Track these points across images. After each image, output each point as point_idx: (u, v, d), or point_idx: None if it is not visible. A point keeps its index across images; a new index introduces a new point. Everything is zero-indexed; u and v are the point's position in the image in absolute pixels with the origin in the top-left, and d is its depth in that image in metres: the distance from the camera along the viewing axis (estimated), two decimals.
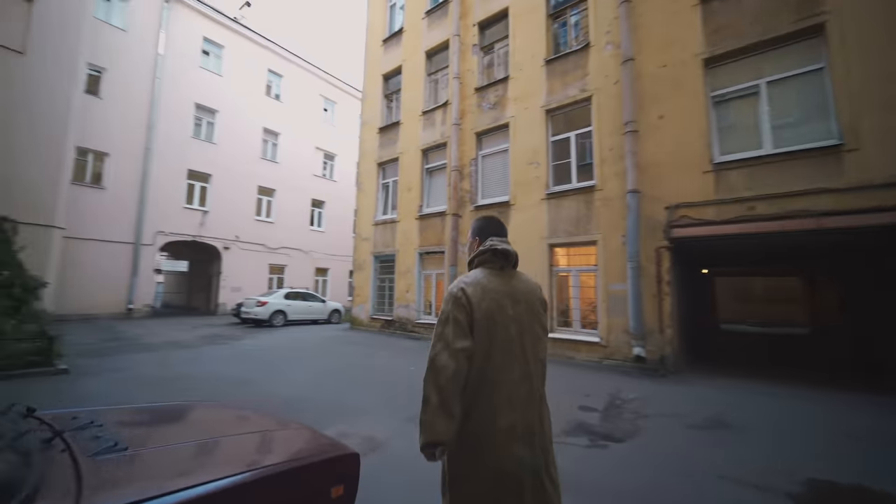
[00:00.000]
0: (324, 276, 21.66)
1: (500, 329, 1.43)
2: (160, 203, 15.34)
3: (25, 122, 10.64)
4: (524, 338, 1.47)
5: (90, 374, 5.70)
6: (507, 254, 1.55)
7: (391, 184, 12.24)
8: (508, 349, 1.43)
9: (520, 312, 1.49)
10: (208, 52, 17.42)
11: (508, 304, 1.47)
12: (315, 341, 9.70)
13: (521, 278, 1.59)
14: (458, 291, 1.46)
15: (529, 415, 1.41)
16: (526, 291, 1.54)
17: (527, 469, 1.34)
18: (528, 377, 1.44)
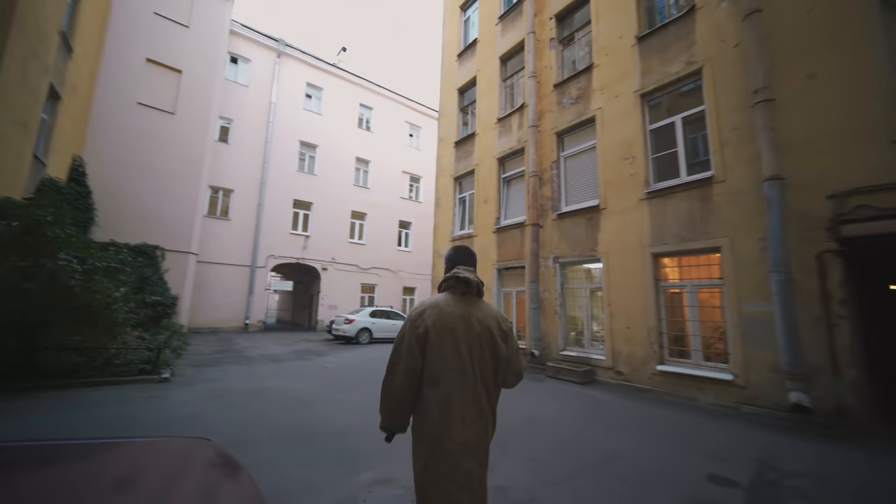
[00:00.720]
0: (411, 294, 22.06)
1: (452, 351, 1.53)
2: (271, 230, 17.41)
3: (173, 168, 13.03)
4: (475, 361, 1.55)
5: (184, 383, 6.16)
6: (468, 281, 1.66)
7: (468, 198, 11.77)
8: (460, 370, 1.52)
9: (472, 337, 1.56)
10: (310, 95, 19.67)
11: (462, 329, 1.56)
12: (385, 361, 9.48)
13: (481, 306, 1.67)
14: (416, 314, 1.61)
15: (478, 432, 1.53)
16: (482, 318, 1.62)
17: (474, 479, 1.49)
18: (477, 398, 1.54)
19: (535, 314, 8.66)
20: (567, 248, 8.44)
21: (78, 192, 10.61)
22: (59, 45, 8.86)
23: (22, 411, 4.25)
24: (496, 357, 1.61)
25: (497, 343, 1.61)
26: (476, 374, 1.55)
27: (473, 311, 1.62)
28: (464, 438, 1.48)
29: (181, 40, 13.64)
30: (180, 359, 8.84)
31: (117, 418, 4.27)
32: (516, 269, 9.68)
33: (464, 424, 1.49)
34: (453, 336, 1.54)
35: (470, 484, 1.48)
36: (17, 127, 7.61)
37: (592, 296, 8.18)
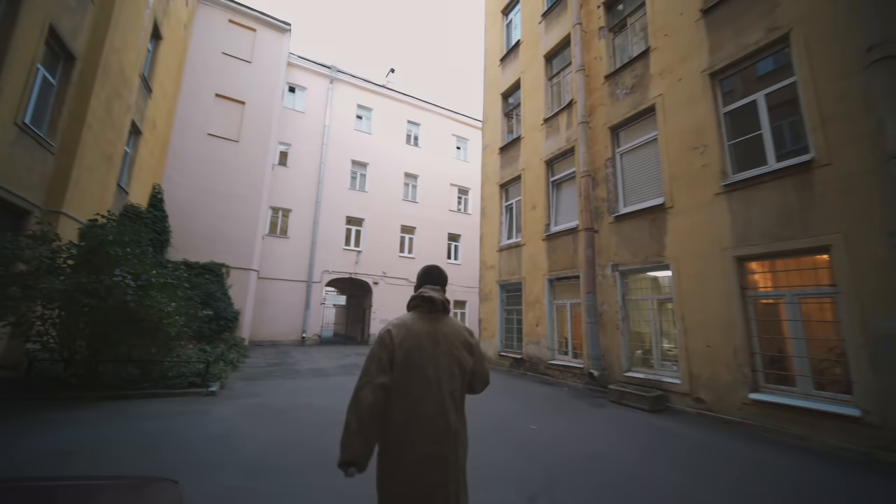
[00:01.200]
0: (462, 308, 21.58)
1: (418, 367, 1.59)
2: (325, 246, 18.08)
3: (237, 191, 14.06)
4: (441, 376, 1.60)
5: (230, 397, 6.23)
6: (433, 300, 1.72)
7: (514, 205, 11.14)
8: (426, 386, 1.57)
9: (438, 353, 1.62)
10: (361, 116, 20.46)
11: (428, 345, 1.63)
12: None
13: (447, 322, 1.72)
14: (384, 332, 1.66)
15: (445, 447, 1.53)
16: (448, 334, 1.67)
17: (438, 494, 1.48)
18: (443, 412, 1.56)
19: (592, 329, 7.72)
20: (628, 255, 7.46)
21: (156, 216, 11.76)
22: (139, 87, 9.97)
23: (71, 423, 4.43)
24: (463, 371, 1.65)
25: (464, 357, 1.66)
26: (443, 389, 1.59)
27: (440, 328, 1.68)
28: (428, 453, 1.50)
29: (244, 74, 14.88)
30: (236, 371, 9.18)
31: (156, 433, 4.27)
32: (570, 280, 8.81)
33: (427, 437, 1.52)
34: (420, 353, 1.60)
35: (437, 491, 1.49)
36: (103, 159, 8.55)
37: (661, 308, 7.08)
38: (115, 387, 5.70)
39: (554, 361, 8.85)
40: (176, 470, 3.30)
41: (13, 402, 4.93)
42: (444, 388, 1.58)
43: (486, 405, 6.43)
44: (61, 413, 4.69)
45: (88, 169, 7.93)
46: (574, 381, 8.21)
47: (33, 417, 4.45)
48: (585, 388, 7.83)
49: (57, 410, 4.77)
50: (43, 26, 6.44)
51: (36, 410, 4.70)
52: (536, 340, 9.36)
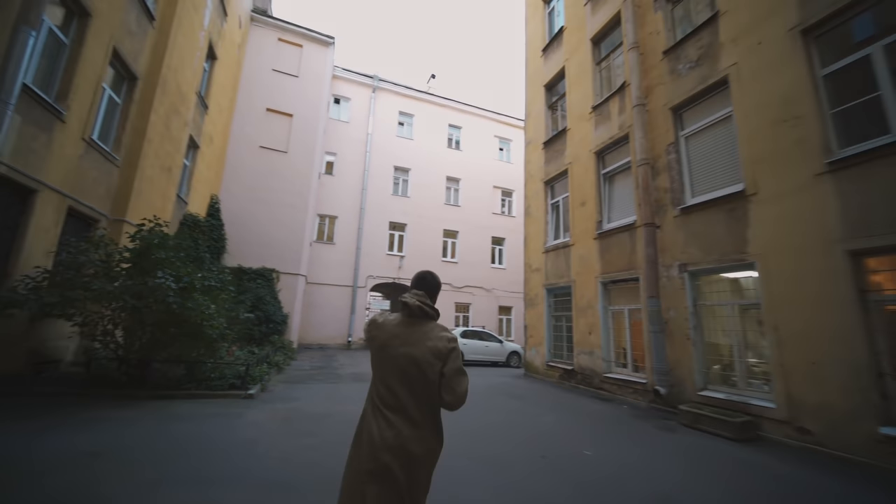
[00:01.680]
0: (507, 314, 20.73)
1: (386, 361, 1.71)
2: (370, 251, 18.25)
3: (286, 200, 14.56)
4: (403, 376, 1.66)
5: (267, 401, 6.13)
6: (407, 305, 1.77)
7: (561, 202, 10.29)
8: (389, 382, 1.67)
9: (404, 353, 1.67)
10: (402, 122, 20.59)
11: (398, 345, 1.69)
12: (477, 388, 8.40)
13: (422, 326, 1.74)
14: (370, 321, 1.86)
15: (403, 437, 1.58)
16: (419, 339, 1.69)
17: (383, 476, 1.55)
18: (402, 408, 1.62)
19: (656, 339, 6.71)
20: (698, 253, 6.40)
21: (213, 224, 12.44)
22: (196, 104, 10.62)
23: (108, 422, 4.46)
24: (426, 376, 1.64)
25: (427, 362, 1.65)
26: (401, 387, 1.64)
27: (412, 332, 1.71)
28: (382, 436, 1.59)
29: (292, 88, 15.50)
30: (281, 373, 9.26)
31: (184, 437, 4.16)
32: (628, 283, 7.83)
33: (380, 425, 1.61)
34: (389, 350, 1.70)
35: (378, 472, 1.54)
36: (163, 171, 9.10)
37: (744, 315, 5.94)
38: (163, 386, 5.81)
39: (610, 375, 7.87)
40: (188, 481, 3.07)
41: (67, 397, 5.13)
42: (405, 385, 1.63)
43: (532, 421, 5.73)
44: (105, 411, 4.78)
45: (149, 180, 8.45)
46: (635, 398, 7.20)
47: (77, 415, 4.54)
48: (650, 407, 6.81)
49: (102, 408, 4.87)
50: (107, 49, 6.92)
51: (83, 408, 4.83)
52: (589, 350, 8.43)
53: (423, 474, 1.61)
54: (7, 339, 5.32)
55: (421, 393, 1.62)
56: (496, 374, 11.26)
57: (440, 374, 1.63)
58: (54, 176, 5.98)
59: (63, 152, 6.15)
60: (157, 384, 5.80)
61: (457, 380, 1.64)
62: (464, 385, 1.65)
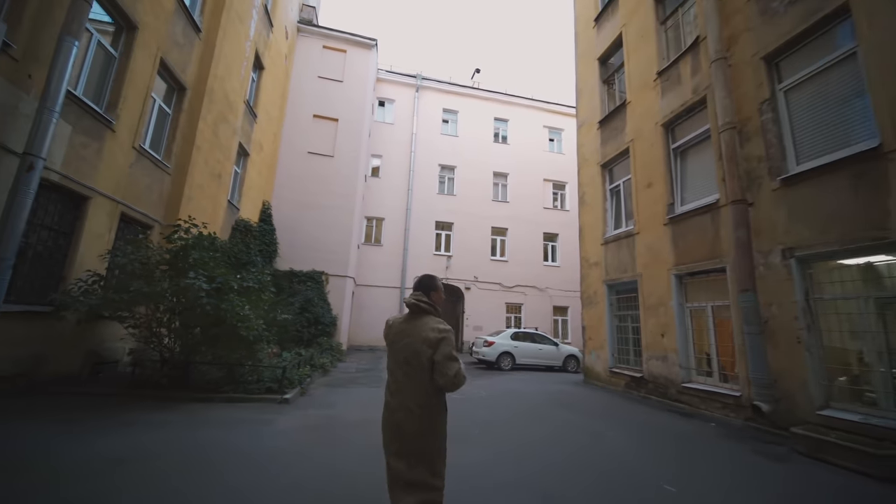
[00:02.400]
0: (563, 315, 19.29)
1: (394, 353, 2.04)
2: (416, 252, 17.97)
3: (333, 203, 14.72)
4: (401, 364, 1.98)
5: (302, 406, 5.82)
6: (408, 304, 2.08)
7: (622, 186, 9.02)
8: (397, 366, 2.02)
9: (405, 344, 1.99)
10: (447, 120, 20.13)
11: (402, 338, 2.01)
12: (530, 398, 7.49)
13: (420, 320, 2.02)
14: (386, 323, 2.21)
15: (396, 416, 1.94)
16: (416, 331, 1.98)
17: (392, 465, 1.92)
18: (399, 391, 1.97)
19: (754, 342, 5.36)
20: (811, 232, 4.99)
21: (265, 229, 12.83)
22: (244, 112, 10.97)
23: (142, 425, 4.33)
24: (421, 362, 1.91)
25: (421, 350, 1.92)
26: (401, 373, 1.98)
27: (411, 326, 2.01)
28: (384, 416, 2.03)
29: (337, 93, 15.71)
30: (326, 375, 9.10)
31: (209, 445, 3.88)
32: (710, 274, 6.48)
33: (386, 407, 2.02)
34: (393, 345, 2.06)
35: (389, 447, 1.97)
36: (213, 178, 9.42)
37: (885, 312, 4.47)
38: (202, 388, 5.74)
39: (690, 384, 6.56)
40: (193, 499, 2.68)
41: (111, 398, 5.19)
42: (403, 370, 1.96)
43: (596, 441, 4.76)
44: (141, 413, 4.71)
45: (199, 186, 8.75)
46: (725, 414, 5.86)
47: (113, 417, 4.49)
48: (745, 427, 5.47)
49: (139, 410, 4.82)
50: (155, 60, 7.18)
51: (123, 409, 4.81)
52: (662, 355, 7.14)
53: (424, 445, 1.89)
54: (63, 340, 5.55)
55: (417, 378, 1.90)
56: (551, 380, 10.19)
57: (431, 360, 1.88)
58: (106, 183, 6.22)
59: (114, 160, 6.40)
60: (197, 386, 5.74)
61: (447, 365, 1.86)
62: (454, 369, 1.86)
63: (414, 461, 1.85)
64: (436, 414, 1.93)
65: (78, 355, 5.90)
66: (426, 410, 1.89)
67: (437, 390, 1.92)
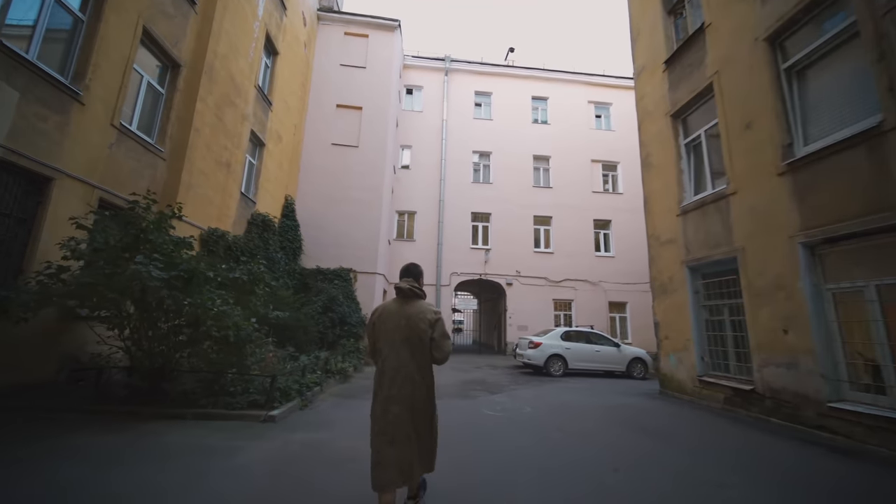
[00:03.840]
0: (621, 312, 16.78)
1: (387, 336, 2.33)
2: (452, 246, 16.46)
3: (360, 196, 13.62)
4: (402, 343, 2.29)
5: (291, 426, 4.49)
6: (401, 290, 2.42)
7: (703, 137, 6.82)
8: (392, 349, 2.30)
9: (402, 326, 2.31)
10: (479, 103, 18.49)
11: (397, 320, 2.33)
12: (594, 417, 5.61)
13: (414, 304, 2.39)
14: (373, 312, 2.52)
15: (404, 390, 2.24)
16: (412, 314, 2.33)
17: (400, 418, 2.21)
18: (403, 366, 2.26)
19: None
20: None
21: (288, 225, 12.00)
22: (256, 98, 10.14)
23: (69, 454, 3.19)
24: (422, 340, 2.30)
25: (422, 329, 2.30)
26: (404, 350, 2.29)
27: (406, 309, 2.36)
28: (391, 393, 2.23)
29: (360, 80, 14.67)
30: (346, 382, 7.85)
31: (134, 490, 2.62)
32: (870, 238, 4.27)
33: (392, 383, 2.25)
34: (388, 325, 2.34)
35: (396, 420, 2.20)
36: (220, 166, 8.56)
37: None
38: (177, 402, 4.62)
39: (841, 405, 4.36)
40: None
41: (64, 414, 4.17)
42: (404, 350, 2.28)
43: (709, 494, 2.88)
44: (83, 436, 3.61)
45: (202, 173, 7.89)
46: None
47: (39, 441, 3.41)
48: None
49: (86, 431, 3.74)
50: (135, 28, 6.32)
51: (64, 429, 3.75)
52: (788, 360, 4.94)
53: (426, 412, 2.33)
54: (30, 344, 4.68)
55: (419, 352, 2.29)
56: (615, 389, 8.13)
57: (431, 338, 2.31)
58: (75, 164, 5.35)
59: (86, 138, 5.54)
60: (171, 399, 4.63)
61: (443, 342, 2.34)
62: (449, 345, 2.36)
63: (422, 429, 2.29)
64: (430, 382, 2.37)
65: (50, 361, 5.04)
66: (426, 380, 2.33)
67: (430, 363, 2.35)
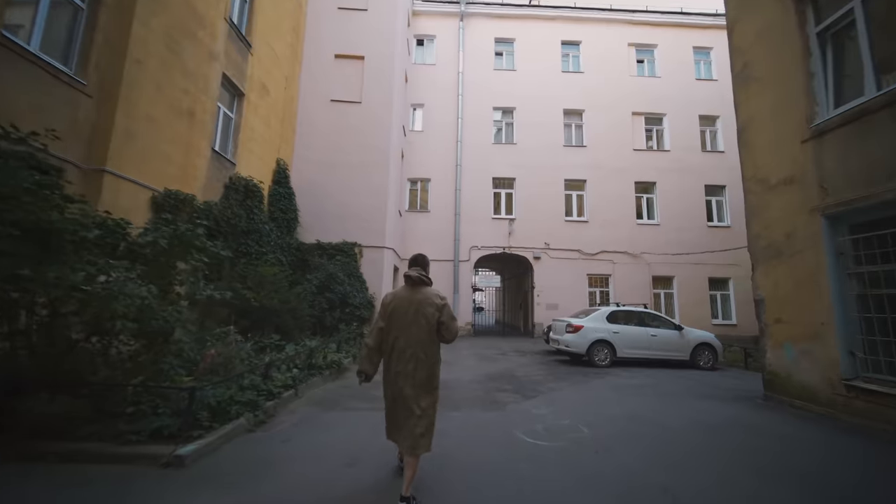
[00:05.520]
0: (666, 287, 14.36)
1: (398, 319, 2.55)
2: (471, 217, 14.37)
3: (364, 159, 11.64)
4: (410, 325, 2.52)
5: (209, 477, 2.74)
6: (410, 277, 2.64)
7: (857, 13, 4.32)
8: (401, 330, 2.54)
9: (411, 310, 2.53)
10: (500, 52, 15.87)
11: (406, 305, 2.56)
12: (687, 446, 3.57)
13: (422, 290, 2.61)
14: (386, 298, 2.72)
15: (409, 367, 2.48)
16: (421, 299, 2.56)
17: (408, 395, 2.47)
18: (409, 345, 2.50)
19: None
20: None
21: (280, 193, 10.24)
22: (229, 35, 8.19)
23: None
24: (429, 322, 2.52)
25: (430, 313, 2.52)
26: (413, 332, 2.52)
27: (416, 295, 2.58)
28: (399, 370, 2.50)
29: (361, 25, 12.43)
30: (338, 379, 6.14)
31: None
32: None
33: (399, 360, 2.51)
34: (400, 310, 2.56)
35: (401, 395, 2.47)
36: (179, 115, 6.75)
37: None
38: (38, 431, 2.94)
39: None
40: None
41: None
42: (412, 332, 2.51)
43: None
44: None
45: (150, 120, 6.10)
46: None
47: None
48: None
49: None
50: None
51: None
52: None
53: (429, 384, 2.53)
54: None
55: (426, 333, 2.51)
56: (687, 387, 6.02)
57: (438, 321, 2.53)
58: None
59: None
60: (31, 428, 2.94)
61: (453, 324, 2.58)
62: (456, 327, 2.61)
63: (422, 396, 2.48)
64: (434, 360, 2.58)
65: None
66: (432, 358, 2.54)
67: (437, 343, 2.60)
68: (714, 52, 15.71)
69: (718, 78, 15.44)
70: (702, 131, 15.29)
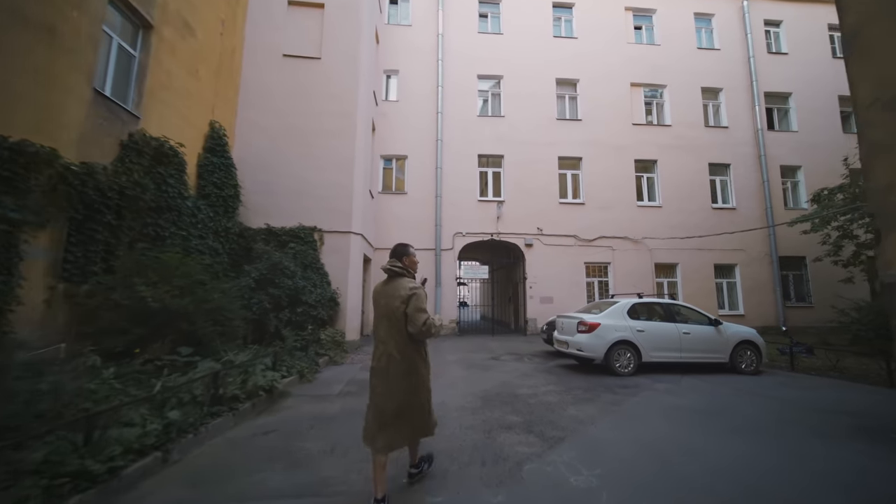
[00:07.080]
0: (670, 275, 12.91)
1: (377, 310, 2.46)
2: (454, 199, 12.43)
3: (325, 126, 9.48)
4: (381, 320, 2.43)
5: None
6: (384, 269, 2.53)
7: None
8: (377, 326, 2.47)
9: (385, 302, 2.41)
10: (485, 13, 13.87)
11: (382, 297, 2.45)
12: None
13: (395, 283, 2.45)
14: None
15: (381, 363, 2.36)
16: (391, 290, 2.42)
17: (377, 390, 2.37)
18: (381, 341, 2.41)
19: None
20: None
21: (216, 164, 7.97)
22: None
23: None
24: (396, 316, 2.34)
25: (396, 307, 2.34)
26: (384, 327, 2.40)
27: (390, 287, 2.45)
28: (373, 365, 2.42)
29: None
30: (271, 414, 4.13)
31: None
32: None
33: (373, 356, 2.44)
34: (376, 304, 2.47)
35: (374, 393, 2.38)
36: (24, 26, 4.48)
37: None
38: None
39: None
40: None
41: None
42: (384, 323, 2.40)
43: None
44: None
45: None
46: None
47: None
48: None
49: None
50: None
51: None
52: None
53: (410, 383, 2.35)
54: None
55: (396, 329, 2.34)
56: (763, 411, 4.33)
57: (404, 313, 2.32)
58: None
59: None
60: None
61: (416, 316, 2.30)
62: (422, 319, 2.29)
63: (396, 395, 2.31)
64: (415, 359, 2.38)
65: None
66: (405, 356, 2.33)
67: (412, 339, 2.36)
68: (716, 19, 14.24)
69: (721, 47, 14.02)
70: (704, 105, 13.84)
